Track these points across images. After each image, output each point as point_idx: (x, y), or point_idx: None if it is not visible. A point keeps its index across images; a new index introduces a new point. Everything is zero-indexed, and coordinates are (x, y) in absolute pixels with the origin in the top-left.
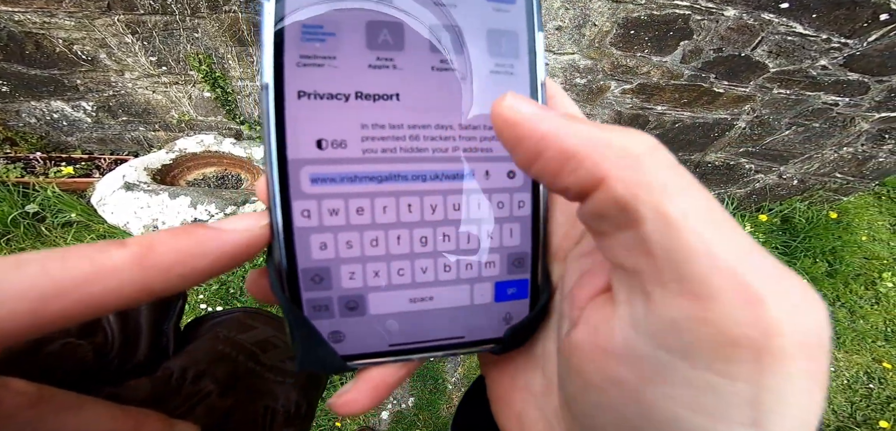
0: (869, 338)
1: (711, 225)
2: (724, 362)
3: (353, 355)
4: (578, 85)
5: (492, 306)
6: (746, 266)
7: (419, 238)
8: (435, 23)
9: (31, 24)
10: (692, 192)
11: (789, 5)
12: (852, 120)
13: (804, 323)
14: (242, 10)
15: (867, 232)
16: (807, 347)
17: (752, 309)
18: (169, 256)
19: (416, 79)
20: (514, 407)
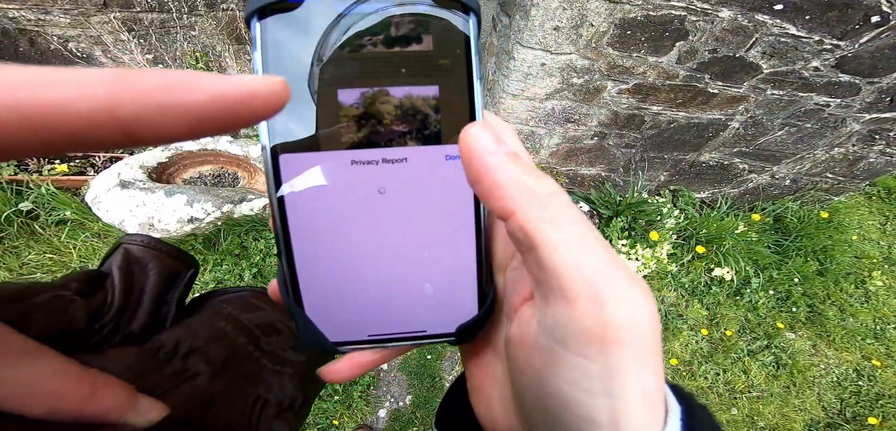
0: (859, 336)
1: (582, 249)
2: (585, 348)
3: (340, 341)
4: (576, 85)
5: (446, 308)
6: (599, 277)
7: (392, 260)
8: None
9: (25, 21)
10: (573, 225)
11: (783, 7)
12: (843, 121)
13: (635, 317)
14: (240, 7)
15: (858, 231)
16: (636, 334)
17: (598, 308)
18: (150, 79)
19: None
20: (485, 393)
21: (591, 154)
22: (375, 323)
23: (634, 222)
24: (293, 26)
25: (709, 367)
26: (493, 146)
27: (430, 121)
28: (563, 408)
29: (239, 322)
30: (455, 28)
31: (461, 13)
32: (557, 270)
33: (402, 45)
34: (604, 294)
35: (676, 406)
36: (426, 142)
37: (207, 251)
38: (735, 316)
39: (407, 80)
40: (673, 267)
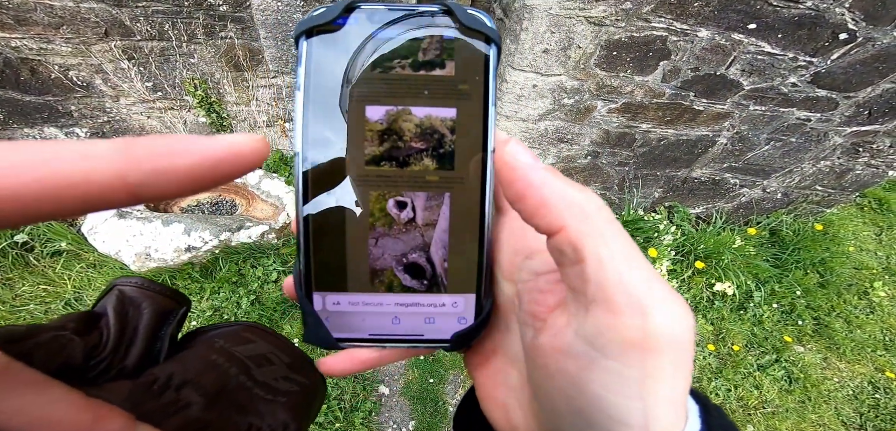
0: (868, 348)
1: (626, 263)
2: (625, 356)
3: (343, 338)
4: (567, 105)
5: (444, 316)
6: (643, 290)
7: (397, 268)
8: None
9: (27, 50)
10: (619, 240)
11: (756, 26)
12: (826, 134)
13: (674, 328)
14: (238, 36)
15: (854, 242)
16: (674, 344)
17: (642, 319)
18: (148, 149)
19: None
20: (499, 400)
21: (586, 173)
22: (376, 324)
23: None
24: (333, 46)
25: (719, 383)
26: (532, 162)
27: (446, 141)
28: (596, 410)
29: (231, 353)
30: (476, 56)
31: (483, 42)
32: (603, 283)
33: (426, 69)
34: (647, 306)
35: (694, 405)
36: (441, 161)
37: (204, 279)
38: (741, 330)
39: (428, 102)
40: (674, 282)
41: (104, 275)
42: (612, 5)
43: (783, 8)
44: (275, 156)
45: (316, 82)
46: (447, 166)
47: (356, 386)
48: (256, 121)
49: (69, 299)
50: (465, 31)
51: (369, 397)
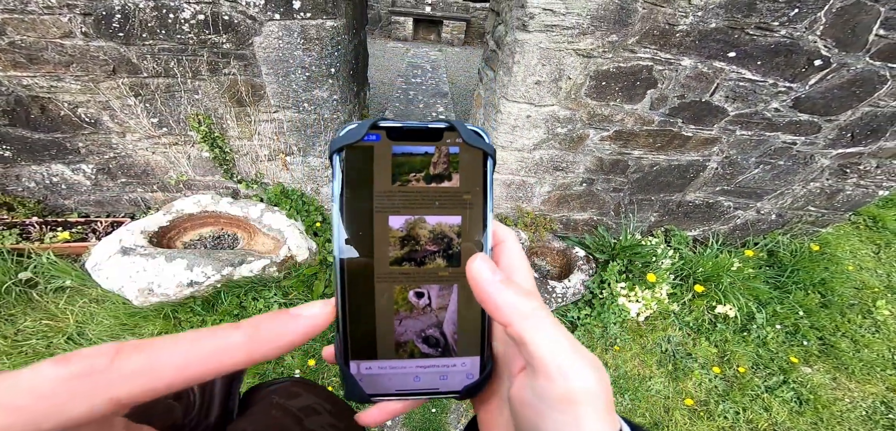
0: (877, 367)
1: (554, 343)
2: (561, 407)
3: (374, 394)
4: (560, 134)
5: (456, 373)
6: (565, 361)
7: (418, 338)
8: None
9: (38, 88)
10: (548, 328)
11: (736, 54)
12: (812, 157)
13: (587, 386)
14: (241, 72)
15: (853, 261)
16: (591, 396)
17: (565, 382)
18: (268, 334)
19: None
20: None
21: (582, 199)
22: (400, 382)
23: (631, 265)
24: (362, 159)
25: (727, 406)
26: (490, 277)
27: (454, 244)
28: None
29: (286, 408)
30: (476, 170)
31: (481, 156)
32: (539, 359)
33: (436, 181)
34: (568, 372)
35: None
36: (450, 260)
37: (206, 312)
38: (745, 352)
39: (439, 211)
40: (674, 306)
41: (107, 310)
42: (599, 38)
43: (759, 36)
44: (276, 189)
45: (348, 193)
46: (454, 264)
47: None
48: (258, 154)
49: (72, 334)
50: (465, 147)
51: (372, 428)
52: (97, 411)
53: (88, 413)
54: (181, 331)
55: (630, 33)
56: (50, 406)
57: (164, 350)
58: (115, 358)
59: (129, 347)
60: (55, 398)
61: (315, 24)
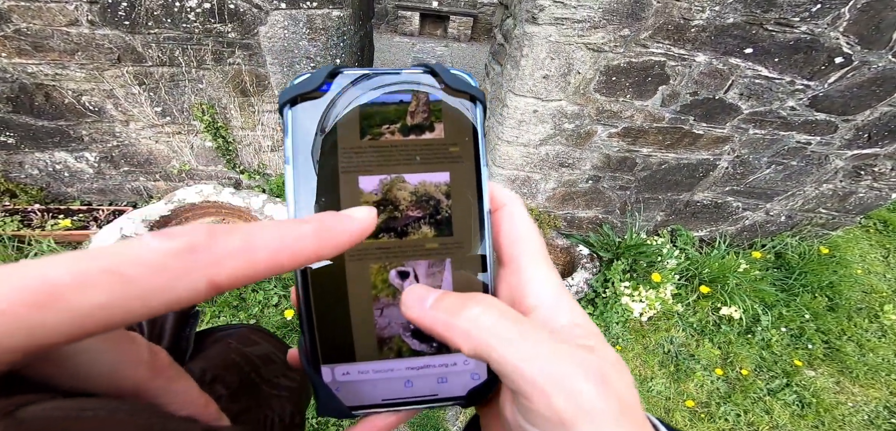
0: (882, 372)
1: (520, 356)
2: (552, 429)
3: (356, 406)
4: (567, 130)
5: (458, 374)
6: (542, 376)
7: (406, 331)
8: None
9: (43, 76)
10: (506, 341)
11: (753, 51)
12: (827, 158)
13: (577, 402)
14: (246, 62)
15: (861, 265)
16: (586, 416)
17: (547, 400)
18: (331, 229)
19: None
20: None
21: (587, 197)
22: (388, 390)
23: (635, 264)
24: (319, 112)
25: (728, 408)
26: (420, 308)
27: (442, 207)
28: None
29: (244, 353)
30: (464, 116)
31: (469, 102)
32: (509, 378)
33: (416, 133)
34: (547, 389)
35: None
36: (439, 227)
37: (205, 303)
38: (749, 354)
39: (421, 167)
40: (679, 307)
41: None
42: (611, 32)
43: (778, 32)
44: (278, 180)
45: (304, 152)
46: (445, 232)
47: None
48: (261, 145)
49: None
50: (449, 92)
51: None
52: (197, 293)
53: (190, 295)
54: None
55: (643, 27)
56: (160, 281)
57: (257, 233)
58: (213, 238)
59: (221, 229)
60: (164, 273)
61: (321, 14)
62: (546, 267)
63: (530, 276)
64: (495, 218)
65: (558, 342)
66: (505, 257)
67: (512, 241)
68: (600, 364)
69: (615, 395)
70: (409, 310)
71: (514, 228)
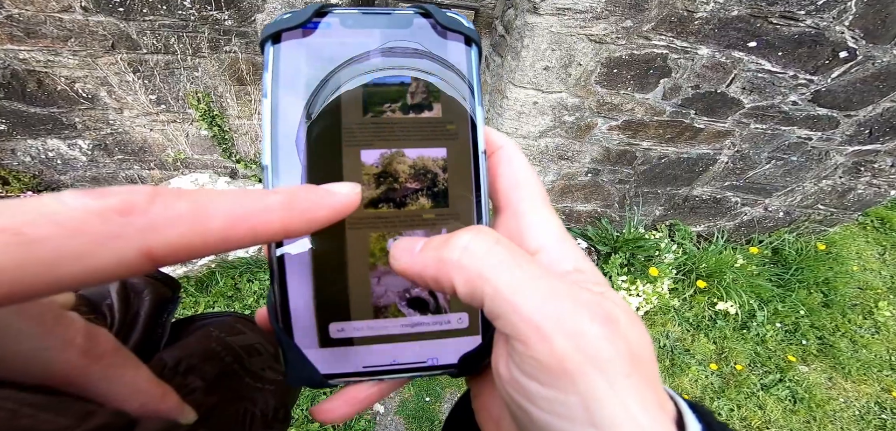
0: (874, 368)
1: (516, 289)
2: (555, 381)
3: (332, 374)
4: (567, 122)
5: (450, 341)
6: (541, 314)
7: (392, 286)
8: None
9: (34, 62)
10: (500, 269)
11: (757, 44)
12: (827, 153)
13: (582, 345)
14: (243, 50)
15: (858, 262)
16: (596, 363)
17: (547, 345)
18: (304, 203)
19: None
20: (493, 413)
21: (586, 190)
22: (371, 354)
23: (633, 258)
24: (304, 53)
25: (722, 403)
26: (409, 257)
27: (439, 180)
28: None
29: (226, 343)
30: (460, 97)
31: (463, 44)
32: (503, 317)
33: (415, 112)
34: (547, 330)
35: (696, 424)
36: (436, 199)
37: (199, 293)
38: (743, 349)
39: (419, 143)
40: (675, 301)
41: None
42: (613, 23)
43: (783, 26)
44: None
45: (286, 89)
46: (442, 204)
47: None
48: (257, 134)
49: None
50: (443, 33)
51: (364, 415)
52: (126, 263)
53: (116, 265)
54: None
55: (646, 19)
56: (75, 245)
57: (211, 199)
58: (153, 200)
59: (168, 192)
60: (82, 236)
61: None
62: (548, 211)
63: (531, 220)
64: (491, 161)
65: (561, 280)
66: (503, 202)
67: (510, 185)
68: (610, 306)
69: (625, 342)
70: (397, 262)
71: (512, 171)
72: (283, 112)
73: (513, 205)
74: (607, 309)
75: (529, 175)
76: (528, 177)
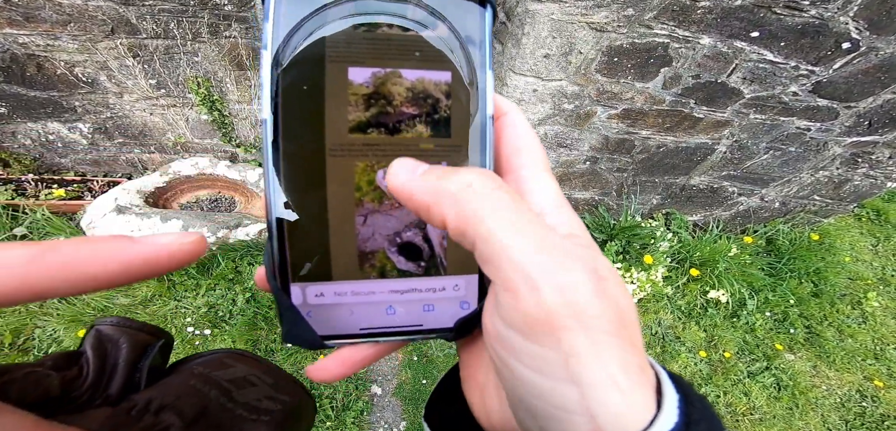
0: (859, 357)
1: (513, 235)
2: (538, 336)
3: (329, 335)
4: (567, 110)
5: (446, 299)
6: (531, 263)
7: (389, 248)
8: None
9: (34, 46)
10: (499, 212)
11: (759, 34)
12: (825, 144)
13: (571, 300)
14: (242, 35)
15: (850, 253)
16: (580, 318)
17: (536, 295)
18: (66, 257)
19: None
20: (478, 379)
21: (584, 178)
22: (368, 316)
23: (629, 245)
24: (307, 5)
25: (709, 389)
26: (408, 175)
27: (441, 107)
28: (534, 397)
29: (209, 377)
30: (471, 16)
31: (477, 4)
32: (494, 262)
33: (416, 29)
34: (537, 280)
35: (675, 394)
36: (436, 128)
37: (201, 276)
38: (733, 338)
39: (420, 64)
40: (668, 289)
41: None
42: (615, 12)
43: (787, 16)
44: None
45: (286, 35)
46: (443, 133)
47: (348, 386)
48: (257, 119)
49: None
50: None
51: (361, 396)
52: None
53: None
54: (175, 293)
55: (648, 7)
56: None
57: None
58: None
59: None
60: None
61: None
62: (548, 176)
63: (531, 185)
64: (496, 125)
65: (555, 234)
66: (505, 166)
67: (513, 150)
68: (600, 265)
69: (613, 302)
70: (395, 178)
71: (516, 136)
72: (284, 59)
73: (515, 169)
74: (598, 265)
75: (532, 140)
76: (530, 143)
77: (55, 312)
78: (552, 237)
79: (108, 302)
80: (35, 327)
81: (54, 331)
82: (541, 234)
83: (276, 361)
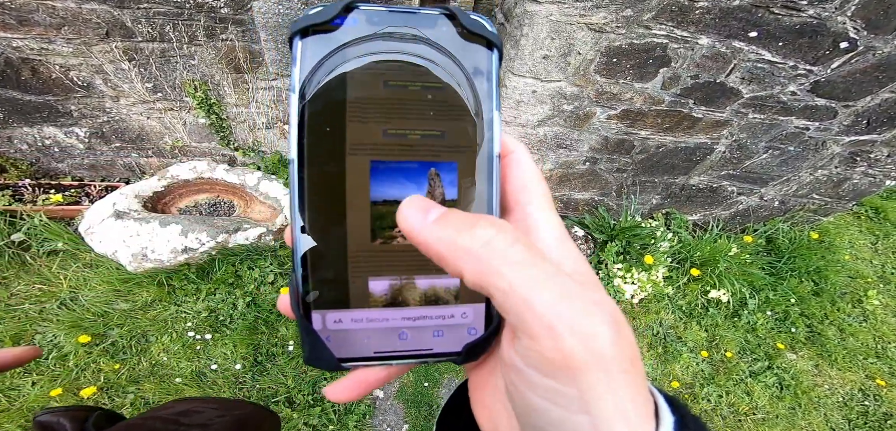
0: (860, 355)
1: (533, 287)
2: (556, 374)
3: (345, 357)
4: (566, 111)
5: (454, 328)
6: (552, 313)
7: (403, 278)
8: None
9: (28, 50)
10: (519, 268)
11: (758, 34)
12: (824, 143)
13: (591, 346)
14: (239, 38)
15: (849, 251)
16: (598, 362)
17: (555, 342)
18: None
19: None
20: (487, 404)
21: (584, 179)
22: (381, 342)
23: (629, 246)
24: (330, 47)
25: (711, 389)
26: (421, 221)
27: (451, 138)
28: (545, 422)
29: (152, 415)
30: (480, 61)
31: (485, 47)
32: (514, 312)
33: (427, 86)
34: (558, 328)
35: (670, 416)
36: (446, 156)
37: (200, 280)
38: (734, 337)
39: (431, 121)
40: (669, 289)
41: (100, 276)
42: (613, 12)
43: (785, 16)
44: (274, 157)
45: (312, 86)
46: (452, 166)
47: None
48: (255, 122)
49: (65, 299)
50: (466, 36)
51: (363, 400)
52: None
53: None
54: (175, 297)
55: (646, 8)
56: None
57: None
58: None
59: None
60: None
61: None
62: (551, 213)
63: (537, 222)
64: (502, 164)
65: (570, 281)
66: (512, 201)
67: (520, 187)
68: (614, 310)
69: (629, 343)
70: (406, 222)
71: (522, 174)
72: (311, 104)
73: (521, 205)
74: (614, 314)
75: (537, 178)
76: (535, 181)
77: (55, 318)
78: (569, 285)
79: (107, 308)
80: (35, 332)
81: (55, 336)
82: (559, 284)
83: (277, 365)
